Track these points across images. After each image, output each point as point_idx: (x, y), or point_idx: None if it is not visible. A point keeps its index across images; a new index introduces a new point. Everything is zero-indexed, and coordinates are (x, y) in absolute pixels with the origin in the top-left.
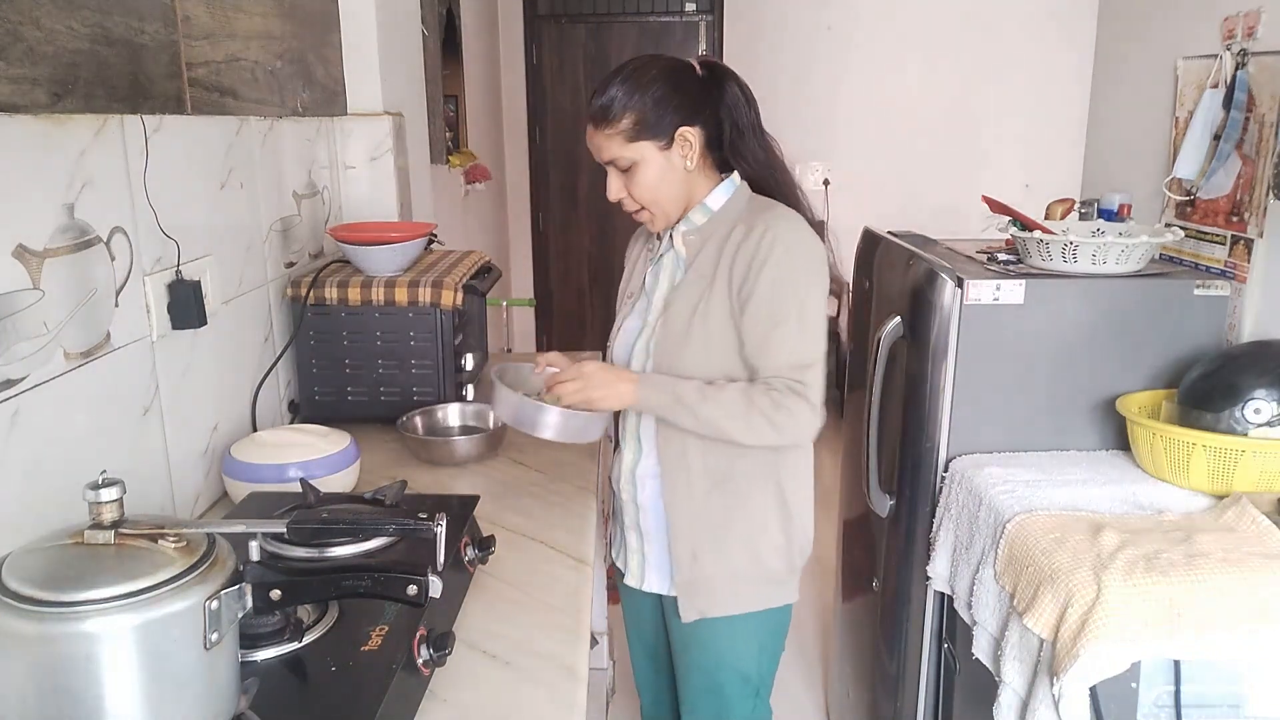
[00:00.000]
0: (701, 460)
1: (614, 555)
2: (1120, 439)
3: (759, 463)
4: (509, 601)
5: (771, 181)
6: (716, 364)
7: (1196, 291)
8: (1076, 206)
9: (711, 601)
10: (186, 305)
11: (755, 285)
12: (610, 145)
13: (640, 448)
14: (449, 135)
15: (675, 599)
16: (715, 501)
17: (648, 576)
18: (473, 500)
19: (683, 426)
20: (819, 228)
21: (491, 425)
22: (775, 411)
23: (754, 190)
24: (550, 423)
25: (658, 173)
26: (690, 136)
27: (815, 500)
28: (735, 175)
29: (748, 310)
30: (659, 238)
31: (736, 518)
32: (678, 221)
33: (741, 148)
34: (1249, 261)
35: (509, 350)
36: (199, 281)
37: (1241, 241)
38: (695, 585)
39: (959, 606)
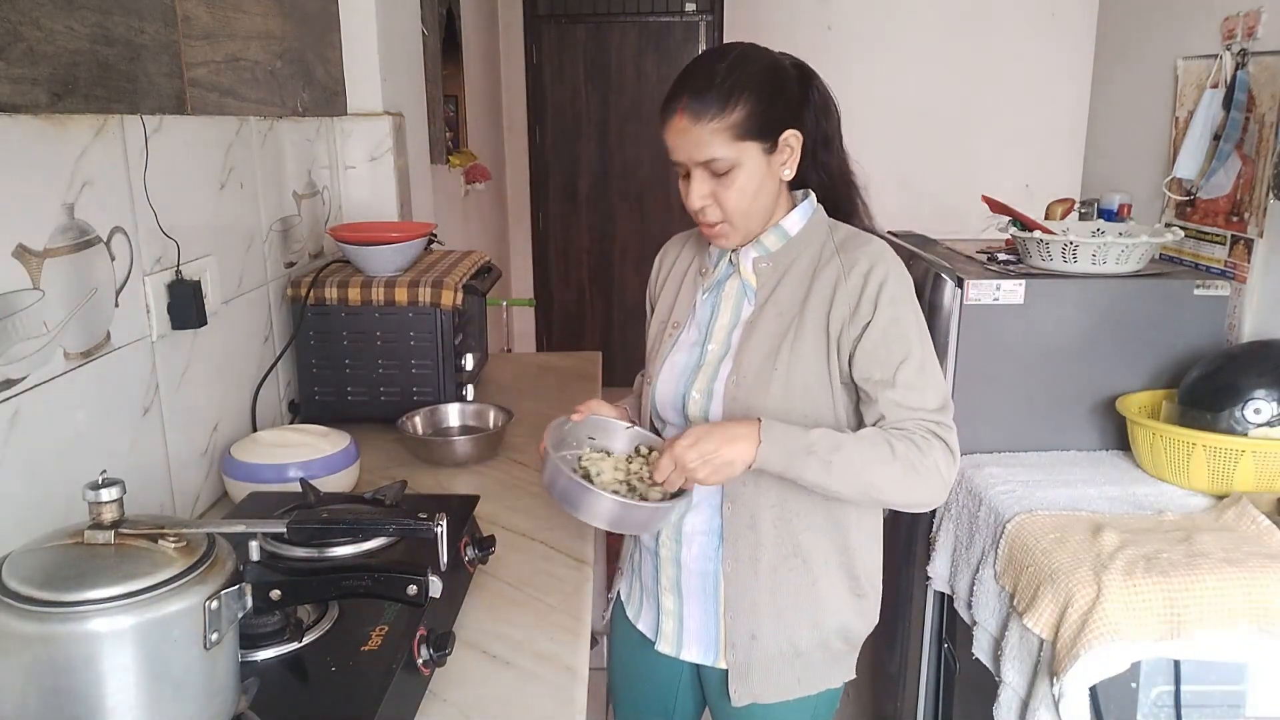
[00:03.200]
0: (774, 531)
1: (633, 616)
2: (1120, 439)
3: (829, 534)
4: (509, 601)
5: (842, 198)
6: (798, 412)
7: (1196, 291)
8: (1076, 206)
9: (768, 687)
10: (186, 305)
11: (869, 327)
12: (713, 143)
13: (689, 499)
14: (449, 135)
15: (720, 671)
16: (782, 578)
17: (687, 645)
18: (473, 500)
19: (806, 481)
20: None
21: (491, 425)
22: (922, 460)
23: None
24: (603, 512)
25: (758, 180)
26: (794, 142)
27: None
28: (811, 196)
29: (868, 354)
30: (712, 260)
31: (804, 596)
32: (746, 243)
33: (824, 159)
34: (1249, 261)
35: (508, 350)
36: (199, 281)
37: (1241, 241)
38: (751, 668)
39: (959, 606)
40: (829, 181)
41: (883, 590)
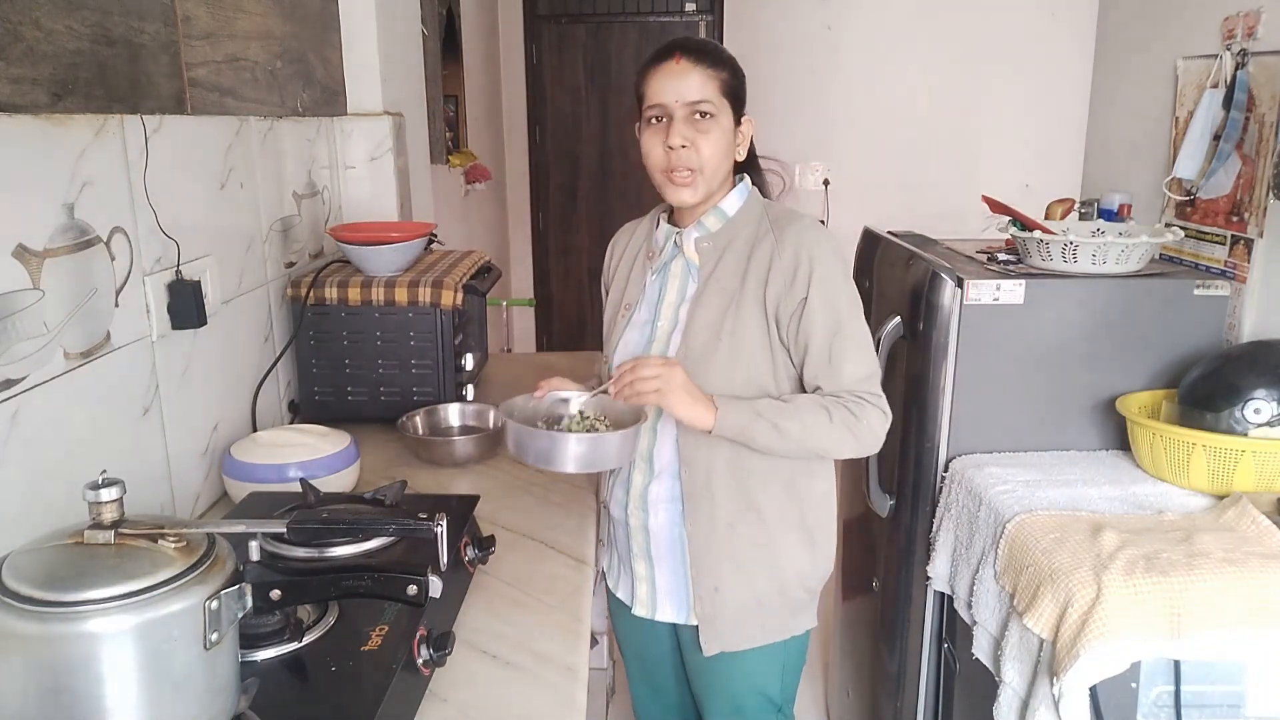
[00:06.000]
0: (727, 489)
1: (612, 585)
2: (1120, 439)
3: (781, 490)
4: (509, 601)
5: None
6: (742, 379)
7: (1196, 291)
8: (1076, 206)
9: (735, 635)
10: (186, 305)
11: (806, 302)
12: (708, 86)
13: (652, 470)
14: (449, 135)
15: (692, 628)
16: (739, 532)
17: (660, 606)
18: (473, 500)
19: (758, 445)
20: None
21: (491, 425)
22: (856, 424)
23: None
24: (573, 453)
25: (727, 141)
26: (748, 128)
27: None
28: (746, 179)
29: (802, 328)
30: (658, 243)
31: (761, 547)
32: (682, 223)
33: (757, 160)
34: (1249, 261)
35: (508, 350)
36: (199, 281)
37: (1241, 241)
38: (717, 618)
39: (959, 606)
40: (761, 181)
41: (883, 590)
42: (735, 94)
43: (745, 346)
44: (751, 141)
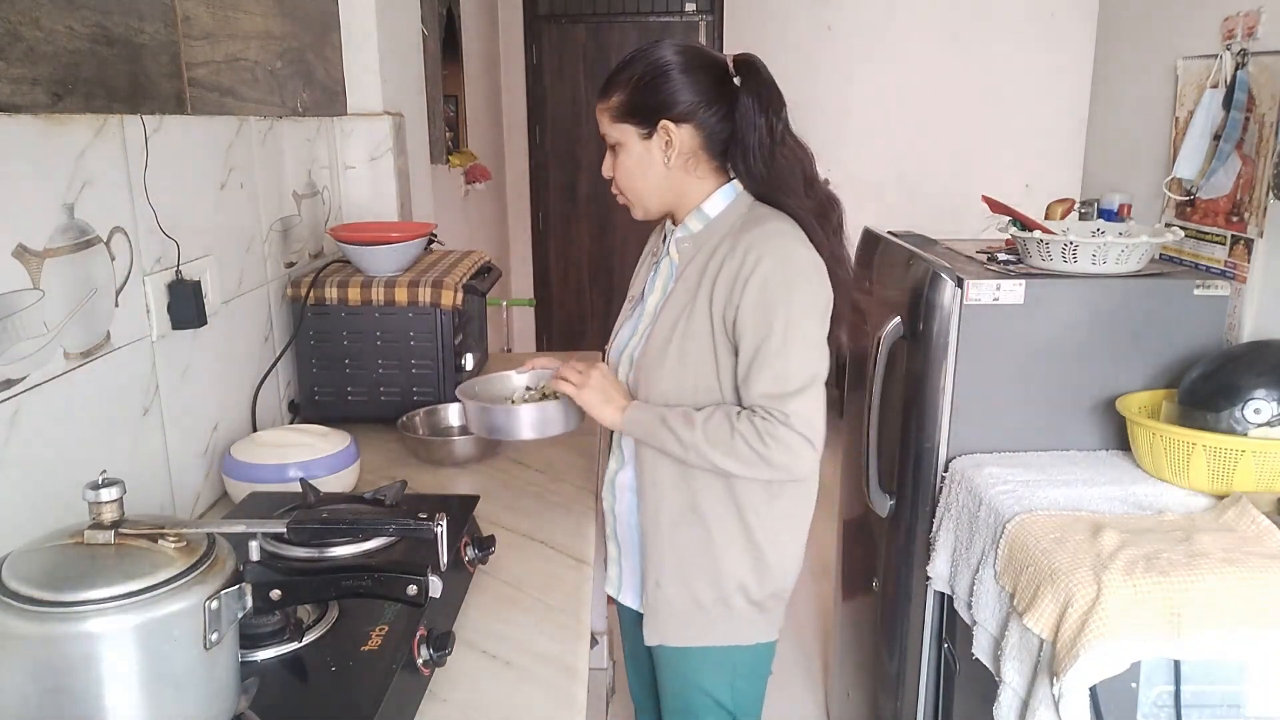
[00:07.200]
0: (673, 490)
1: (607, 559)
2: (1120, 439)
3: (721, 499)
4: (509, 601)
5: (772, 200)
6: (690, 385)
7: (1196, 291)
8: (1076, 206)
9: (672, 630)
10: (186, 305)
11: (739, 309)
12: (600, 120)
13: (622, 457)
14: (449, 135)
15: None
16: (681, 533)
17: (623, 589)
18: (473, 500)
19: (670, 453)
20: (833, 245)
21: None
22: (761, 442)
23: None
24: (524, 420)
25: (635, 161)
26: (672, 133)
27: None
28: (735, 182)
29: (735, 335)
30: (664, 241)
31: (700, 552)
32: (676, 223)
33: (739, 161)
34: (1249, 261)
35: (509, 350)
36: (199, 281)
37: (1241, 241)
38: (658, 611)
39: (959, 606)
40: (752, 184)
41: (883, 590)
42: (631, 112)
43: (694, 350)
44: (766, 132)
